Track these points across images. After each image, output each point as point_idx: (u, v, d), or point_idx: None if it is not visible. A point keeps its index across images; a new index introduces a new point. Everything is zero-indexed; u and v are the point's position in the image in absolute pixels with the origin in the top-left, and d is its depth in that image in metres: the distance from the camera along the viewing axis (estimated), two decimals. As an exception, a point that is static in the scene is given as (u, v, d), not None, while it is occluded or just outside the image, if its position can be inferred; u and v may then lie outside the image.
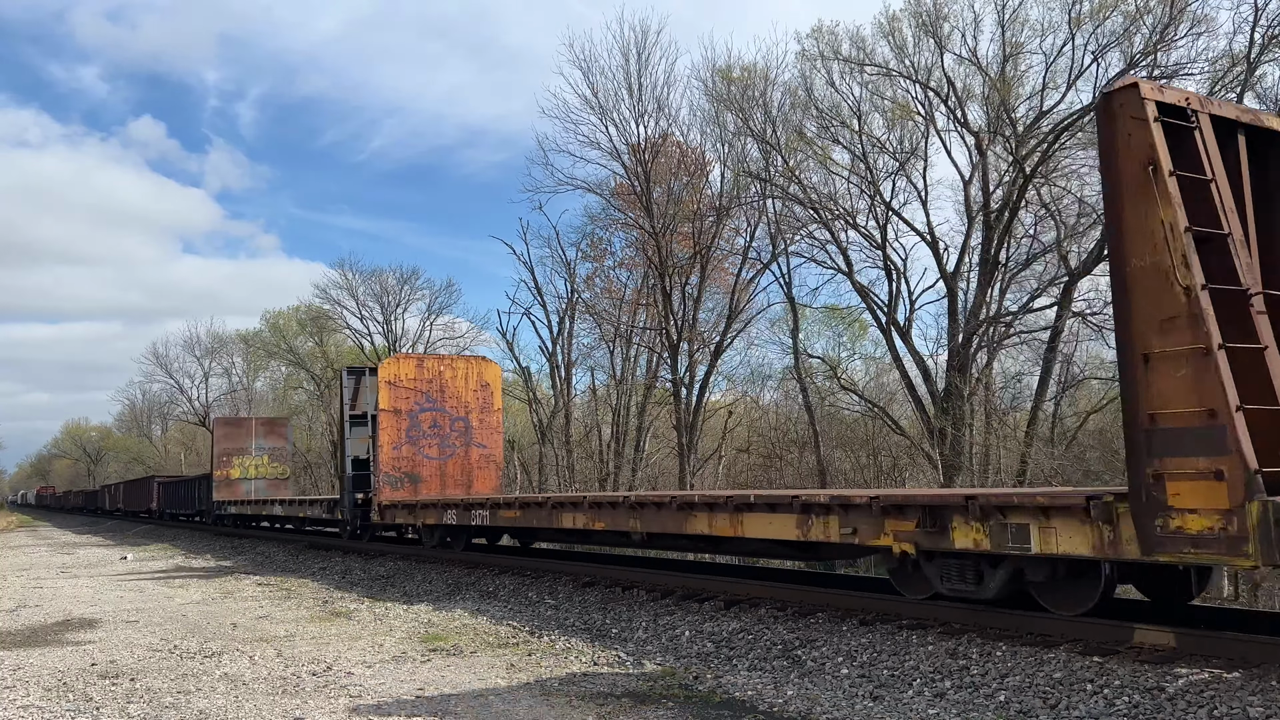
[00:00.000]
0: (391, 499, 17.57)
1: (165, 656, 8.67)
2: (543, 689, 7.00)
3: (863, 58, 25.19)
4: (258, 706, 6.59)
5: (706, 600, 10.56)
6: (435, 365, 18.48)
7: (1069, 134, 22.75)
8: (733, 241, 31.65)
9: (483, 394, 18.87)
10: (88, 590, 14.88)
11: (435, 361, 18.57)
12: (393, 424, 17.81)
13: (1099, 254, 22.27)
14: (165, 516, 42.57)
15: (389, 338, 48.75)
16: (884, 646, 7.91)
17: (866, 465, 27.39)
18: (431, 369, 18.34)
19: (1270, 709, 5.64)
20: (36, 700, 6.94)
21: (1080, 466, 21.51)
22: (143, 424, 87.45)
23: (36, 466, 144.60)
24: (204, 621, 11.03)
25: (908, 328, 25.61)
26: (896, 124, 25.58)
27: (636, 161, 30.29)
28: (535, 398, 38.79)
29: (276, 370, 62.02)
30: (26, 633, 10.44)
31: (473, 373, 18.81)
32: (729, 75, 27.98)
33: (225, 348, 66.05)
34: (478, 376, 18.86)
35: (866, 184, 25.75)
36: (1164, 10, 20.88)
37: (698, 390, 30.46)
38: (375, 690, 7.04)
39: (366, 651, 8.73)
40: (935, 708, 6.33)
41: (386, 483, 17.64)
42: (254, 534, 29.92)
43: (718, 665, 7.96)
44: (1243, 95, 20.16)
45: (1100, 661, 6.81)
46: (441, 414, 18.27)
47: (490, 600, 12.41)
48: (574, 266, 35.38)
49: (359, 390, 20.34)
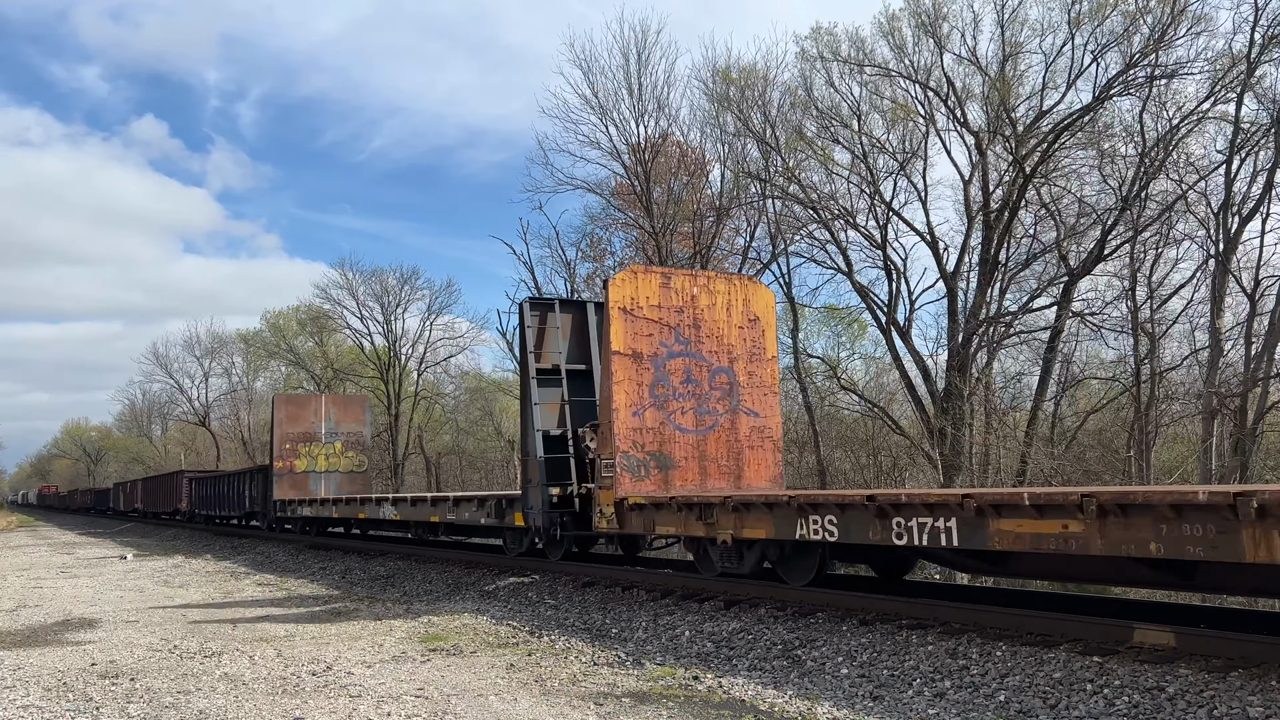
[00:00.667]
0: (637, 493, 11.33)
1: (165, 656, 8.67)
2: (543, 689, 7.00)
3: (862, 58, 25.19)
4: (258, 706, 6.59)
5: (706, 600, 10.56)
6: (686, 286, 12.44)
7: (1069, 134, 22.77)
8: (733, 241, 31.65)
9: (750, 332, 12.74)
10: (88, 590, 14.88)
11: (686, 280, 12.47)
12: (632, 375, 11.71)
13: (1099, 254, 22.29)
14: (198, 519, 36.74)
15: (389, 337, 48.79)
16: (884, 646, 7.92)
17: (866, 465, 27.41)
18: (681, 291, 12.36)
19: (1270, 709, 5.64)
20: (36, 700, 6.94)
21: (1080, 466, 21.52)
22: (143, 424, 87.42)
23: (36, 466, 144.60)
24: (204, 621, 11.03)
25: (908, 328, 25.62)
26: (896, 124, 25.60)
27: (636, 161, 30.29)
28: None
29: (276, 370, 61.99)
30: (26, 633, 10.44)
31: (736, 299, 12.75)
32: (729, 76, 27.99)
33: (225, 348, 66.03)
34: (744, 305, 12.78)
35: (866, 184, 25.75)
36: (1163, 10, 20.88)
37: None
38: (375, 690, 7.04)
39: (366, 651, 8.73)
40: (935, 708, 6.34)
41: (626, 467, 11.50)
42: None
43: (718, 665, 7.96)
44: (1243, 95, 20.18)
45: (1100, 661, 6.81)
46: (697, 362, 12.30)
47: (490, 600, 12.41)
48: (574, 266, 35.36)
49: (544, 332, 14.00)
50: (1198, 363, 21.95)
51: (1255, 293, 20.56)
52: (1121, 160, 22.40)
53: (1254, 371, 19.79)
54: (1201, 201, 21.39)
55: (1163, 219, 21.66)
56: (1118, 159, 22.51)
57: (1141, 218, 21.48)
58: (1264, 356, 19.73)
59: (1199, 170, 21.50)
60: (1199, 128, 21.55)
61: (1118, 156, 22.51)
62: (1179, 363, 22.66)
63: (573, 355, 13.81)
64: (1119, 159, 22.50)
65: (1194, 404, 21.33)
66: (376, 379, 49.13)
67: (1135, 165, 21.57)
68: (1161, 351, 22.19)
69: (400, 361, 48.52)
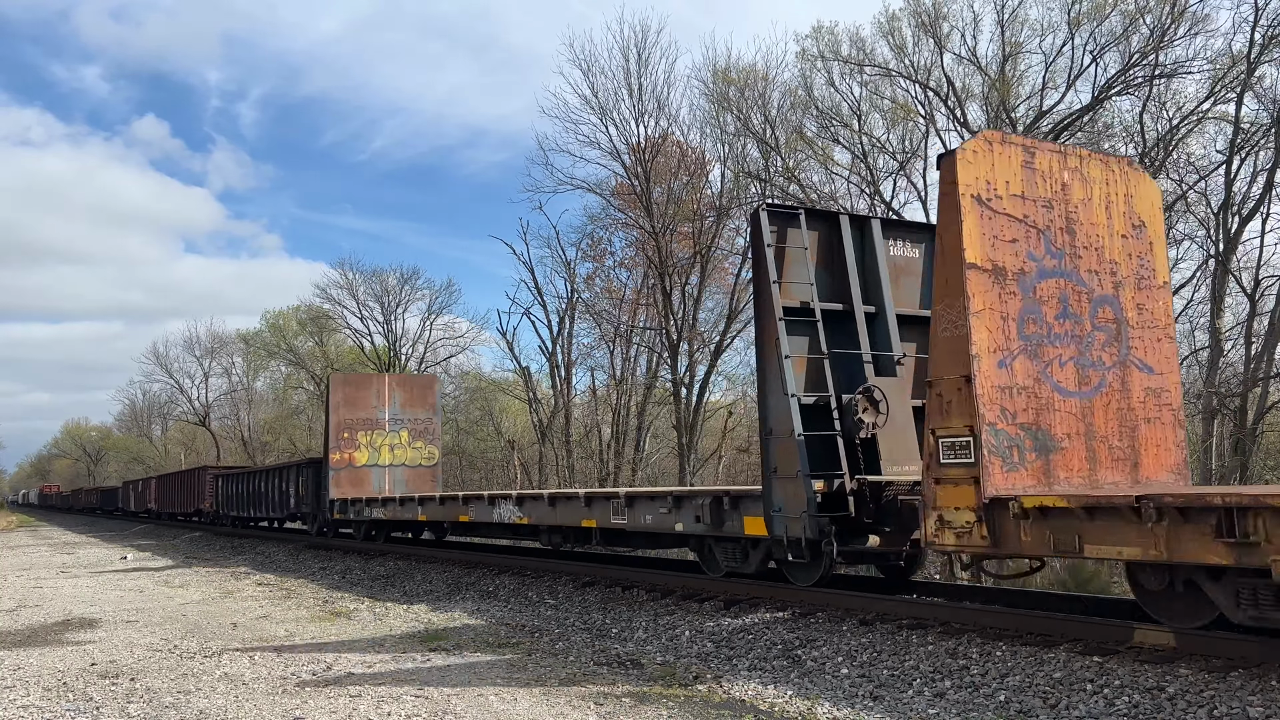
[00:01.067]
0: (1027, 490, 7.20)
1: (165, 656, 8.67)
2: (543, 689, 7.00)
3: (862, 58, 25.20)
4: (258, 706, 6.59)
5: (706, 600, 10.56)
6: (1054, 168, 8.05)
7: (1069, 134, 22.76)
8: (733, 241, 31.63)
9: (1135, 244, 8.45)
10: (88, 590, 14.88)
11: (1053, 160, 8.08)
12: (994, 302, 7.46)
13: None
14: (223, 521, 32.92)
15: (389, 337, 48.81)
16: (884, 646, 7.92)
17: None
18: (1049, 176, 8.00)
19: (1270, 709, 5.64)
20: (36, 700, 6.94)
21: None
22: (143, 424, 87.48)
23: (36, 466, 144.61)
24: (204, 621, 11.03)
25: (908, 327, 25.59)
26: (896, 124, 25.61)
27: (636, 161, 30.30)
28: (535, 398, 38.80)
29: (276, 370, 62.04)
30: (26, 632, 10.44)
31: (1117, 194, 8.37)
32: (729, 76, 27.99)
33: (225, 348, 66.06)
34: (1125, 204, 8.42)
35: (866, 184, 25.76)
36: (1162, 10, 20.89)
37: (698, 390, 30.48)
38: (375, 690, 7.04)
39: (366, 651, 8.72)
40: (935, 708, 6.34)
41: (996, 449, 7.20)
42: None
43: (718, 665, 7.96)
44: (1243, 95, 20.18)
45: (1100, 661, 6.81)
46: (1075, 287, 8.02)
47: (490, 600, 12.41)
48: (574, 266, 35.42)
49: (783, 254, 9.88)
50: (1198, 363, 21.96)
51: (1255, 293, 20.57)
52: (1121, 160, 22.40)
53: (1254, 371, 19.80)
54: (1201, 201, 21.40)
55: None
56: (1118, 159, 22.51)
57: (1141, 218, 21.46)
58: (1264, 356, 19.74)
59: (1199, 170, 21.51)
60: (1199, 128, 21.57)
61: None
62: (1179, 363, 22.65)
63: (826, 289, 10.08)
64: (1119, 159, 22.50)
65: (1194, 404, 21.33)
66: (376, 379, 49.10)
67: (1135, 165, 21.56)
68: (1161, 351, 22.17)
69: (400, 361, 48.53)
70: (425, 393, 23.58)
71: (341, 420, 22.03)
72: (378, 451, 22.24)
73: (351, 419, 22.15)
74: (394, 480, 22.28)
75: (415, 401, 23.02)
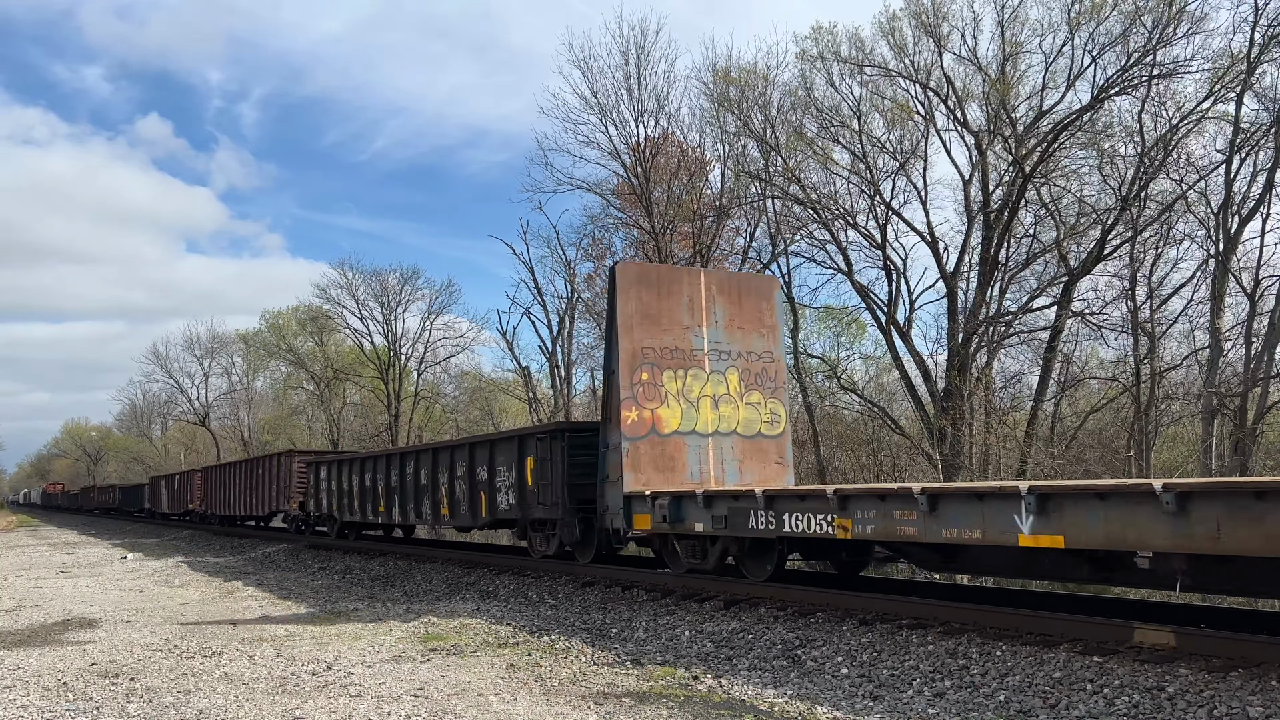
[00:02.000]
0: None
1: (165, 656, 8.67)
2: (543, 689, 7.00)
3: (862, 58, 25.19)
4: (258, 706, 6.59)
5: (706, 600, 10.56)
6: None
7: (1069, 133, 22.77)
8: (733, 241, 31.68)
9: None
10: (87, 590, 14.88)
11: None
12: None
13: (1099, 254, 22.28)
14: (317, 530, 24.07)
15: (389, 337, 48.80)
16: (884, 646, 7.92)
17: (866, 465, 27.39)
18: None
19: (1270, 709, 5.64)
20: (36, 700, 6.94)
21: (1080, 466, 21.52)
22: (143, 424, 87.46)
23: (37, 466, 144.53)
24: (204, 621, 11.03)
25: (907, 328, 25.62)
26: (896, 124, 25.59)
27: (636, 161, 30.30)
28: (535, 398, 38.80)
29: (276, 370, 62.04)
30: (26, 632, 10.44)
31: None
32: (729, 76, 27.98)
33: (225, 347, 66.03)
34: None
35: (866, 184, 25.75)
36: (1162, 9, 20.88)
37: (698, 390, 30.39)
38: (375, 690, 7.04)
39: (366, 651, 8.72)
40: (935, 707, 6.34)
41: None
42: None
43: (718, 665, 7.96)
44: (1242, 95, 20.17)
45: (1100, 661, 6.81)
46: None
47: (490, 600, 12.41)
48: (574, 266, 35.43)
49: None
50: (1198, 362, 21.95)
51: (1255, 293, 20.56)
52: (1121, 160, 22.42)
53: (1254, 371, 19.80)
54: (1201, 201, 21.39)
55: (1162, 219, 21.67)
56: (1117, 159, 22.53)
57: (1141, 217, 21.48)
58: (1264, 356, 19.74)
59: (1199, 170, 21.51)
60: (1199, 127, 21.56)
61: (1117, 156, 22.53)
62: (1179, 362, 22.67)
63: None
64: (1119, 159, 22.52)
65: (1194, 404, 21.33)
66: (376, 379, 49.14)
67: (1135, 165, 21.58)
68: (1161, 351, 22.20)
69: (400, 361, 48.54)
70: (760, 306, 13.42)
71: (637, 348, 12.21)
72: (694, 408, 12.53)
73: (652, 348, 12.38)
74: (721, 461, 12.62)
75: (747, 319, 13.26)
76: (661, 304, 12.51)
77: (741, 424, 12.86)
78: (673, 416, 12.33)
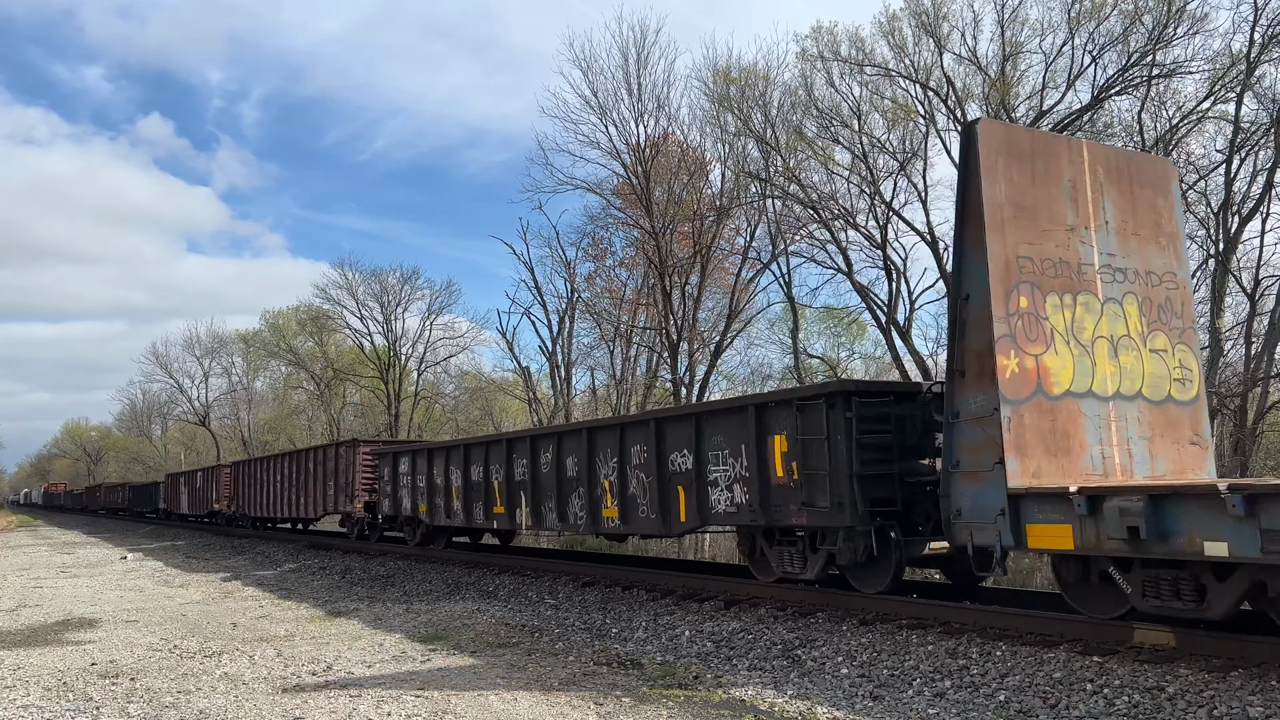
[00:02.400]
0: None
1: (165, 656, 8.67)
2: (543, 689, 7.00)
3: (862, 58, 25.19)
4: (258, 706, 6.59)
5: (706, 600, 10.56)
6: None
7: (1069, 133, 22.75)
8: (733, 241, 31.71)
9: None
10: (87, 590, 14.88)
11: None
12: None
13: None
14: (422, 535, 17.98)
15: (389, 337, 48.80)
16: (884, 646, 7.92)
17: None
18: None
19: (1270, 709, 5.64)
20: (36, 700, 6.94)
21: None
22: (143, 424, 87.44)
23: (37, 466, 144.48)
24: (204, 621, 11.03)
25: (908, 328, 25.62)
26: (896, 124, 25.59)
27: (636, 161, 30.32)
28: (535, 398, 38.79)
29: (276, 370, 62.04)
30: (26, 632, 10.44)
31: None
32: (729, 76, 27.99)
33: (225, 347, 66.01)
34: None
35: (866, 184, 25.76)
36: (1161, 9, 20.88)
37: (698, 390, 30.46)
38: (375, 690, 7.04)
39: (366, 651, 8.72)
40: (935, 707, 6.33)
41: None
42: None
43: (718, 665, 7.96)
44: (1242, 95, 20.17)
45: (1100, 661, 6.81)
46: None
47: (490, 600, 12.41)
48: (574, 266, 35.41)
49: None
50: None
51: (1255, 293, 20.57)
52: (1121, 160, 22.39)
53: (1254, 371, 19.79)
54: (1201, 201, 21.39)
55: (1163, 219, 21.65)
56: (1118, 159, 22.49)
57: (1141, 217, 21.46)
58: (1264, 356, 19.74)
59: (1199, 170, 21.51)
60: (1199, 127, 21.57)
61: (1118, 156, 22.50)
62: (1179, 362, 22.64)
63: None
64: (1119, 159, 22.48)
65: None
66: (376, 379, 49.14)
67: (1135, 165, 21.55)
68: (1161, 351, 22.17)
69: (400, 361, 48.54)
70: (1156, 202, 9.29)
71: (1012, 257, 8.15)
72: (1089, 355, 8.41)
73: (1030, 258, 8.24)
74: (1126, 439, 8.47)
75: (1142, 222, 9.12)
76: (1038, 191, 8.37)
77: (1148, 382, 8.66)
78: (1063, 368, 8.13)
